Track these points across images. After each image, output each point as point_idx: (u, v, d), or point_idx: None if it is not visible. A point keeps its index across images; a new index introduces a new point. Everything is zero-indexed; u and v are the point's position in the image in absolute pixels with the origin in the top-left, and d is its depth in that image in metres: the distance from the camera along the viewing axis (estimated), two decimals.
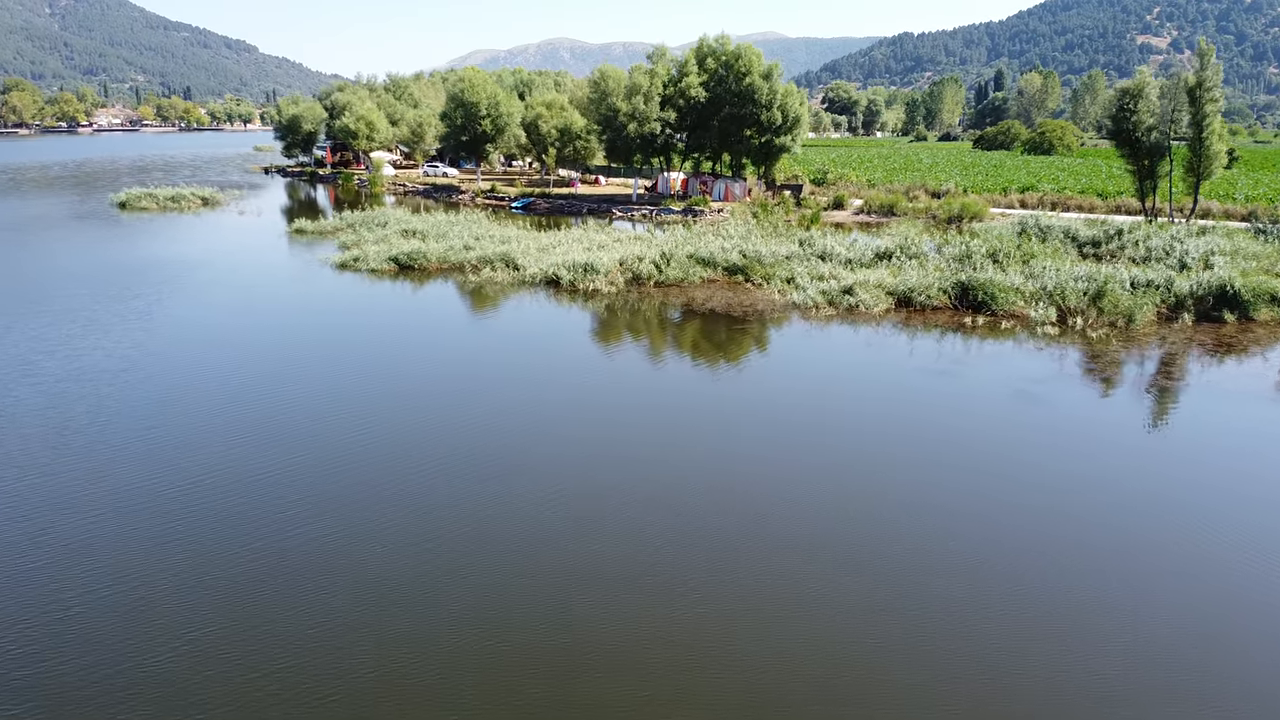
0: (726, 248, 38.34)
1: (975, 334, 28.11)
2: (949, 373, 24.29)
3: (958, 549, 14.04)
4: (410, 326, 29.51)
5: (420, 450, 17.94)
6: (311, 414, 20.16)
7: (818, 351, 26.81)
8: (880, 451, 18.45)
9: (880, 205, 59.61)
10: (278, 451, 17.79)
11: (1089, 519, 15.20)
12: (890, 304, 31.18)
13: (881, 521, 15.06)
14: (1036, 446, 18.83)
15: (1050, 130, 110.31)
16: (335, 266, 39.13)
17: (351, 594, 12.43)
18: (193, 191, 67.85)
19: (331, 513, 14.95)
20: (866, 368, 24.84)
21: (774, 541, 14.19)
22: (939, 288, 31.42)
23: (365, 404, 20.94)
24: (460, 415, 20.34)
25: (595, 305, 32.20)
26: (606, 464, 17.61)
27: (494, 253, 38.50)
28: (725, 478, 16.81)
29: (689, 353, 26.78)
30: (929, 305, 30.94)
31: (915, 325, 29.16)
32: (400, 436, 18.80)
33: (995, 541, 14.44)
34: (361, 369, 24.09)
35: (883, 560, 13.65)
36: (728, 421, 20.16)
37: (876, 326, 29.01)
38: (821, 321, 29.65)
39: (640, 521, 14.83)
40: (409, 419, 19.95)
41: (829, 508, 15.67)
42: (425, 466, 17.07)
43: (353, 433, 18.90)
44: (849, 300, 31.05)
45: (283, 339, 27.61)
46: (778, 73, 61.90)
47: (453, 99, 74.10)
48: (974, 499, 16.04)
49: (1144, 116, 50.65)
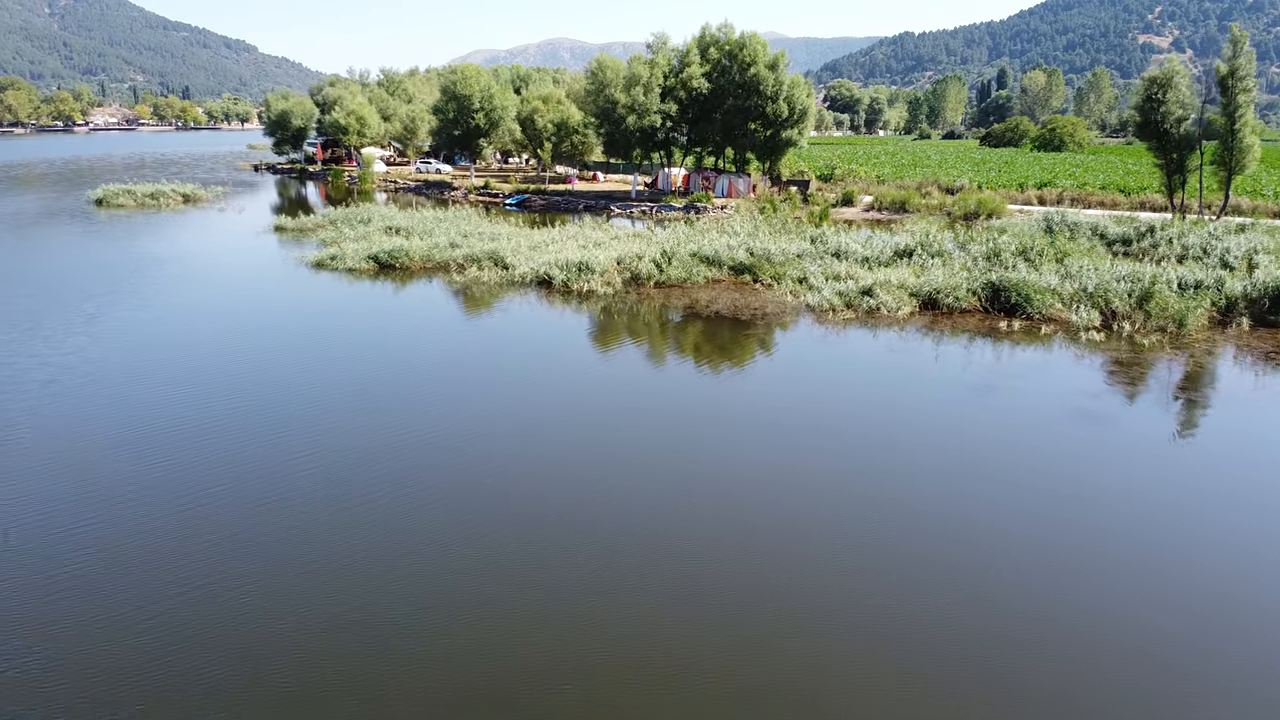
0: (732, 245, 35.54)
1: (1011, 340, 25.29)
2: (990, 386, 21.48)
3: (1010, 579, 11.28)
4: (385, 331, 26.66)
5: (384, 466, 15.16)
6: (270, 424, 17.38)
7: (837, 360, 23.99)
8: (913, 475, 15.65)
9: (891, 202, 56.77)
10: (225, 470, 15.01)
11: (1169, 557, 12.42)
12: (914, 306, 28.39)
13: (929, 550, 12.30)
14: (1103, 470, 16.01)
15: (1061, 126, 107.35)
16: (311, 266, 36.33)
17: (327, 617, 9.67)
18: (173, 188, 64.97)
19: (269, 541, 12.18)
20: (894, 378, 22.02)
21: (799, 561, 11.43)
22: (967, 289, 28.63)
23: (329, 416, 18.16)
24: (436, 426, 17.55)
25: (590, 308, 29.41)
26: (602, 481, 14.84)
27: (481, 251, 35.72)
28: (737, 499, 14.05)
29: (692, 361, 23.96)
30: (957, 308, 28.14)
31: (943, 330, 26.37)
32: (366, 450, 16.01)
33: (1054, 568, 11.68)
34: (329, 377, 21.30)
35: (925, 587, 10.89)
36: (737, 438, 17.36)
37: (900, 331, 26.21)
38: (839, 325, 26.85)
39: (648, 552, 12.08)
40: (377, 433, 17.16)
41: (869, 541, 12.90)
42: (386, 485, 14.30)
43: (309, 446, 16.12)
44: (868, 302, 28.25)
45: (244, 344, 24.78)
46: (784, 63, 58.97)
47: (445, 92, 71.29)
48: (1037, 534, 13.26)
49: (1173, 107, 47.92)
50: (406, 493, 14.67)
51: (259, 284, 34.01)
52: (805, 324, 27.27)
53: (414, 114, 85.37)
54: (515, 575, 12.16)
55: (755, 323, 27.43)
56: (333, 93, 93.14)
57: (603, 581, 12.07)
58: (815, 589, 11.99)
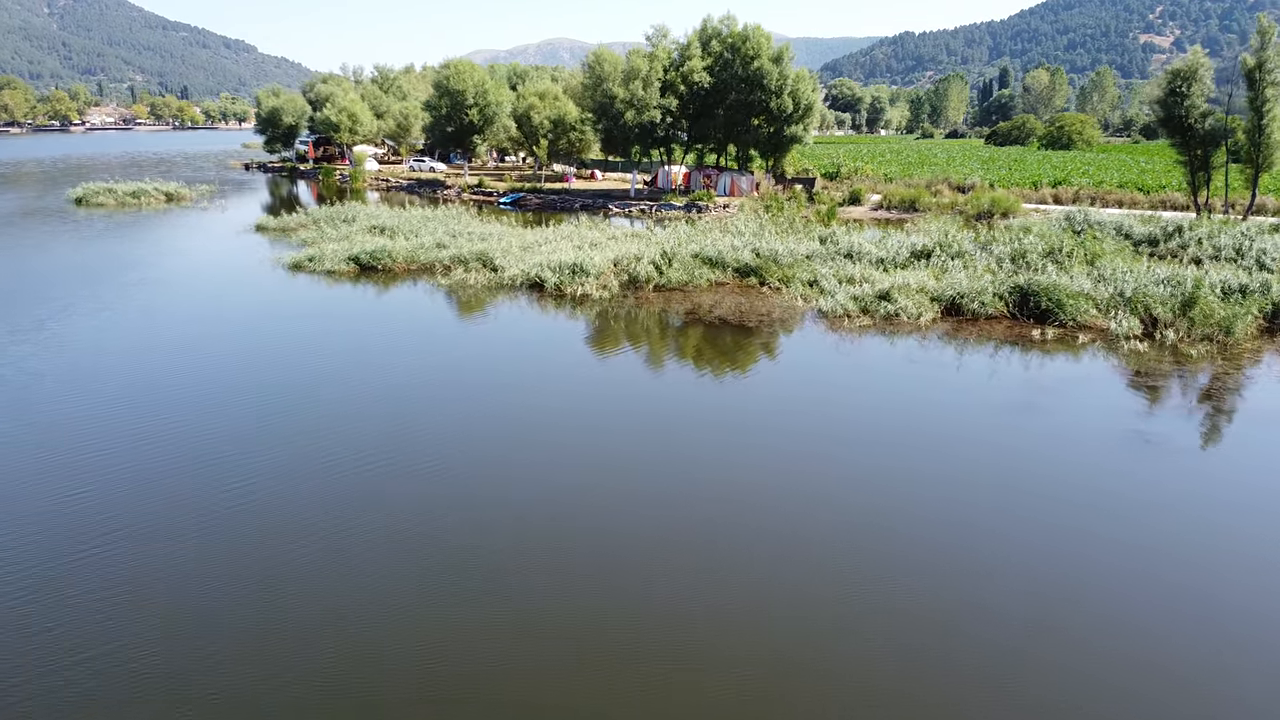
0: (737, 246, 33.33)
1: (1044, 350, 23.09)
2: (1028, 404, 19.26)
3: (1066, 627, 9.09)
4: (358, 337, 24.40)
5: (324, 481, 12.97)
6: (236, 440, 15.18)
7: (852, 371, 21.75)
8: (945, 506, 13.44)
9: (901, 200, 54.55)
10: (191, 485, 12.81)
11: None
12: (936, 312, 26.18)
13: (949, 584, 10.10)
14: (1163, 508, 13.79)
15: (1069, 124, 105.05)
16: (288, 267, 34.10)
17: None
18: (155, 187, 62.81)
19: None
20: (917, 394, 19.80)
21: (816, 599, 9.25)
22: (994, 293, 26.42)
23: (292, 434, 15.95)
24: (402, 446, 15.35)
25: (584, 313, 27.19)
26: (595, 507, 12.65)
27: (470, 252, 33.51)
28: (747, 525, 11.86)
29: (694, 373, 21.73)
30: (982, 314, 25.93)
31: (968, 338, 24.16)
32: (327, 469, 13.81)
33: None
34: (293, 390, 19.09)
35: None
36: (745, 461, 15.15)
37: (922, 340, 24.01)
38: (854, 333, 24.64)
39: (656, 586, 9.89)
40: (329, 446, 14.96)
41: (894, 579, 10.71)
42: (324, 500, 12.11)
43: (258, 464, 13.92)
44: (886, 307, 26.03)
45: (203, 352, 22.54)
46: (788, 56, 56.71)
47: (437, 87, 69.02)
48: (1104, 591, 11.06)
49: (1196, 101, 45.74)
50: (343, 512, 12.47)
51: (229, 287, 31.79)
52: (817, 331, 25.06)
53: (407, 111, 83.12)
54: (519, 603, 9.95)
55: (762, 329, 25.22)
56: (325, 89, 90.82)
57: (604, 605, 9.88)
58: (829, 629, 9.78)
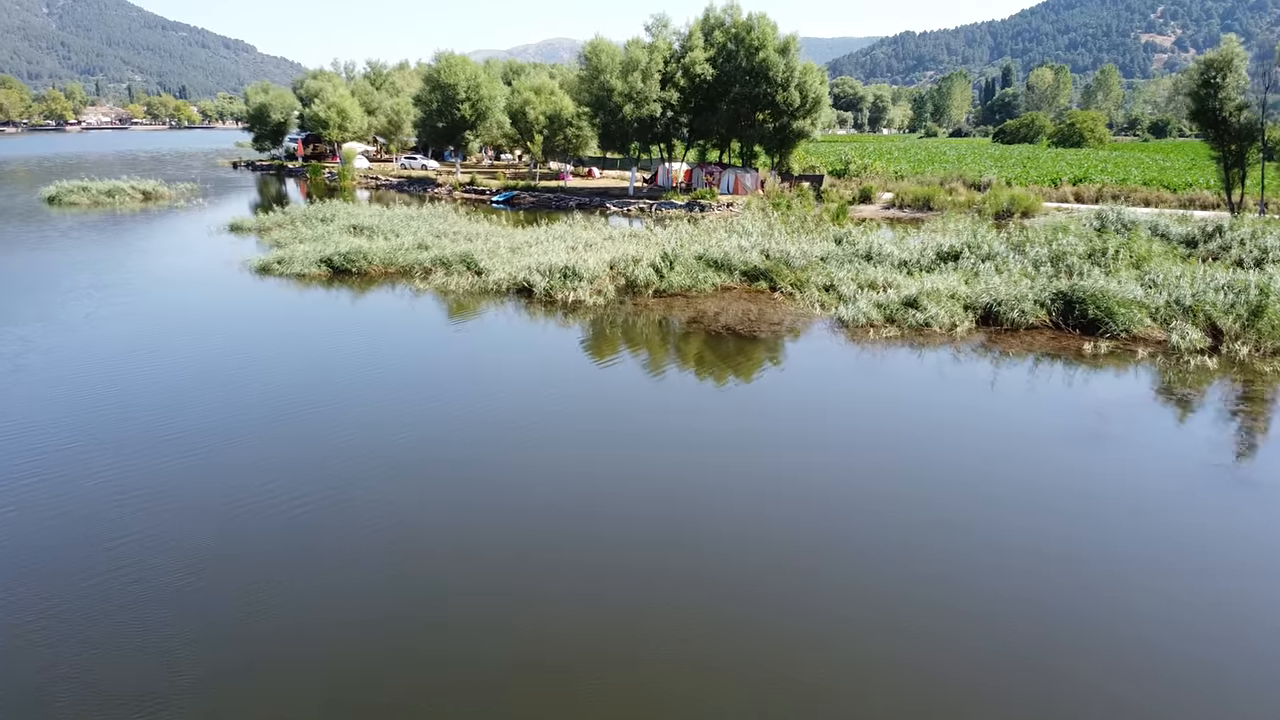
0: (744, 247, 30.51)
1: (1099, 365, 20.29)
2: (1096, 434, 16.39)
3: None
4: (316, 350, 21.55)
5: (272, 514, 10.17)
6: (156, 481, 12.35)
7: (883, 392, 18.89)
8: (1000, 571, 10.64)
9: (914, 198, 51.77)
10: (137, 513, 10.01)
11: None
12: (971, 322, 23.38)
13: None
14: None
15: (1080, 122, 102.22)
16: (255, 270, 31.30)
17: None
18: (132, 185, 60.03)
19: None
20: (964, 420, 16.96)
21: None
22: (1034, 300, 23.61)
23: (226, 472, 13.15)
24: (363, 482, 12.56)
25: (576, 321, 24.38)
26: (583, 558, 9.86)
27: (453, 253, 30.71)
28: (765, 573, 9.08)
29: (697, 392, 18.90)
30: (1022, 323, 23.11)
31: (1009, 352, 21.36)
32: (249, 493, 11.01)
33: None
34: (238, 411, 16.28)
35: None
36: (760, 499, 12.35)
37: (957, 353, 21.22)
38: (880, 345, 21.84)
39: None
40: (266, 485, 12.16)
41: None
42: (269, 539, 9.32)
43: (200, 507, 11.12)
44: (915, 316, 23.20)
45: (144, 366, 19.73)
46: (795, 47, 53.87)
47: (428, 81, 66.17)
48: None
49: (1232, 93, 42.97)
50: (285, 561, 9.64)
51: (188, 292, 28.95)
52: (837, 343, 22.23)
53: (399, 107, 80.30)
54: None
55: (775, 341, 22.41)
56: (315, 85, 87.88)
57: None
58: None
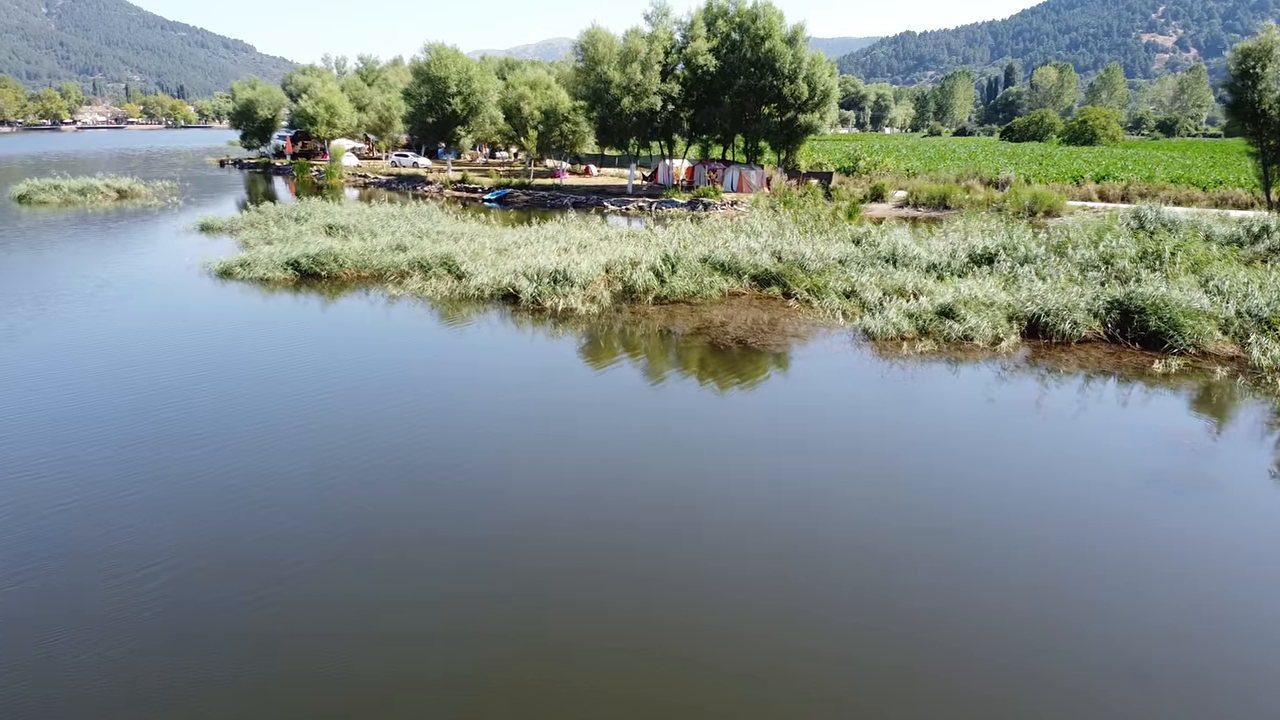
0: (754, 248, 27.65)
1: (1172, 385, 17.47)
2: (1194, 474, 13.54)
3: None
4: (270, 370, 18.71)
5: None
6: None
7: (923, 419, 16.02)
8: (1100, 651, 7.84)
9: (929, 196, 48.97)
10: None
11: None
12: (1017, 333, 20.56)
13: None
14: None
15: (1092, 119, 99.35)
16: (215, 274, 28.48)
17: None
18: (107, 183, 57.32)
19: None
20: (1029, 459, 14.11)
21: None
22: (1086, 309, 20.79)
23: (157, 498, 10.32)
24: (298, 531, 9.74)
25: (566, 332, 21.54)
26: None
27: (433, 255, 27.88)
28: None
29: (705, 419, 16.05)
30: (1074, 335, 20.28)
31: (1063, 369, 18.54)
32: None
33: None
34: (173, 441, 13.44)
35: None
36: (782, 551, 9.52)
37: (1004, 371, 18.40)
38: (914, 360, 19.02)
39: None
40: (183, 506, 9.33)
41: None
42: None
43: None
44: (952, 327, 20.38)
45: (71, 385, 16.88)
46: (803, 37, 51.04)
47: (418, 74, 63.29)
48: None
49: (1272, 84, 40.27)
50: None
51: (137, 298, 26.06)
52: (864, 358, 19.39)
53: (389, 103, 77.47)
54: None
55: (792, 356, 19.58)
56: (304, 80, 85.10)
57: None
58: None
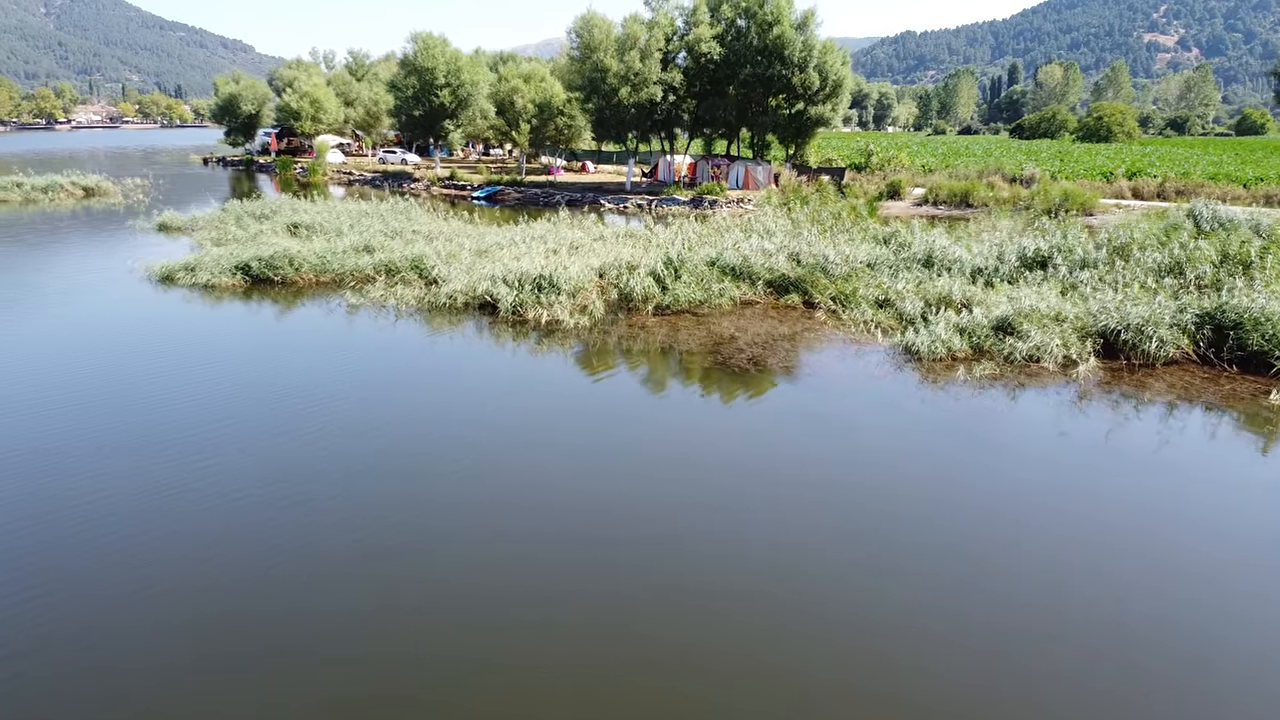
0: (768, 249, 24.26)
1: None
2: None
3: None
4: (179, 406, 15.33)
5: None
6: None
7: (998, 469, 12.66)
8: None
9: (950, 194, 45.64)
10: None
11: None
12: (1090, 353, 17.15)
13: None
14: None
15: (1108, 115, 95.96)
16: (158, 278, 25.10)
17: None
18: (73, 181, 54.18)
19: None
20: (1177, 536, 10.75)
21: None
22: (1170, 323, 17.40)
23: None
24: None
25: (549, 351, 18.13)
26: None
27: (401, 258, 24.49)
28: None
29: (719, 472, 12.63)
30: (1158, 356, 16.90)
31: (1150, 397, 15.15)
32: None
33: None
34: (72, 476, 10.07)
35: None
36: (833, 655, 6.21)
37: (1080, 400, 15.01)
38: (971, 386, 15.61)
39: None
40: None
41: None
42: None
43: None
44: (1015, 346, 16.98)
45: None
46: (814, 22, 47.67)
47: (404, 65, 59.86)
48: None
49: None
50: None
51: (65, 306, 22.65)
52: (912, 385, 15.95)
53: (377, 98, 74.09)
54: None
55: (820, 381, 16.17)
56: (289, 74, 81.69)
57: None
58: None
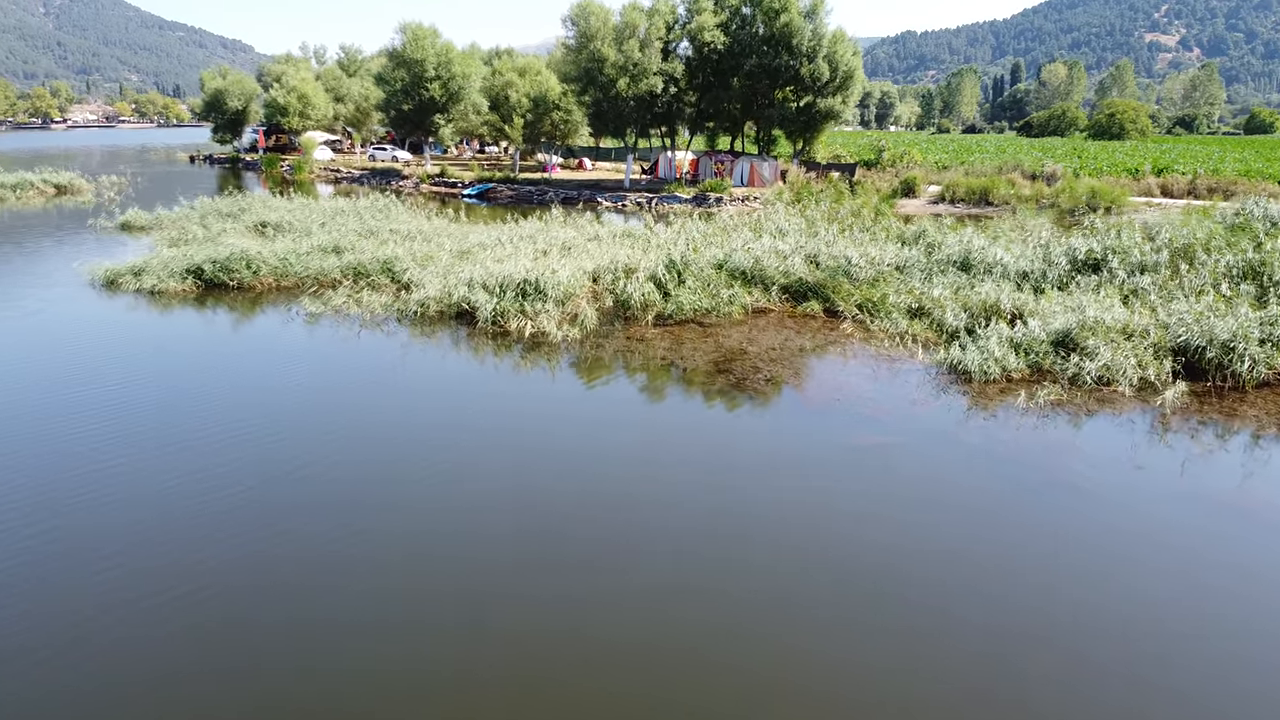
0: (783, 250, 21.66)
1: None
2: None
3: None
4: (93, 437, 12.77)
5: None
6: None
7: (1133, 559, 10.10)
8: None
9: (968, 191, 43.07)
10: None
11: None
12: (1169, 373, 14.58)
13: None
14: None
15: (1120, 112, 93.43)
16: (102, 283, 22.55)
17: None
18: (44, 179, 51.92)
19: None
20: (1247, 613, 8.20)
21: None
22: (1263, 339, 14.83)
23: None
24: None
25: (532, 368, 15.57)
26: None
27: (372, 259, 21.91)
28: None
29: (734, 535, 10.06)
30: (1250, 379, 14.33)
31: (1244, 425, 12.61)
32: None
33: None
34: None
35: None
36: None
37: (1162, 432, 12.46)
38: (1032, 415, 13.05)
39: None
40: None
41: None
42: None
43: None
44: (1082, 366, 14.40)
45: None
46: (823, 10, 45.11)
47: (393, 57, 57.28)
48: None
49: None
50: None
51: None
52: (964, 414, 13.37)
53: (367, 92, 71.56)
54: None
55: (856, 410, 13.61)
56: (277, 69, 79.10)
57: None
58: None
